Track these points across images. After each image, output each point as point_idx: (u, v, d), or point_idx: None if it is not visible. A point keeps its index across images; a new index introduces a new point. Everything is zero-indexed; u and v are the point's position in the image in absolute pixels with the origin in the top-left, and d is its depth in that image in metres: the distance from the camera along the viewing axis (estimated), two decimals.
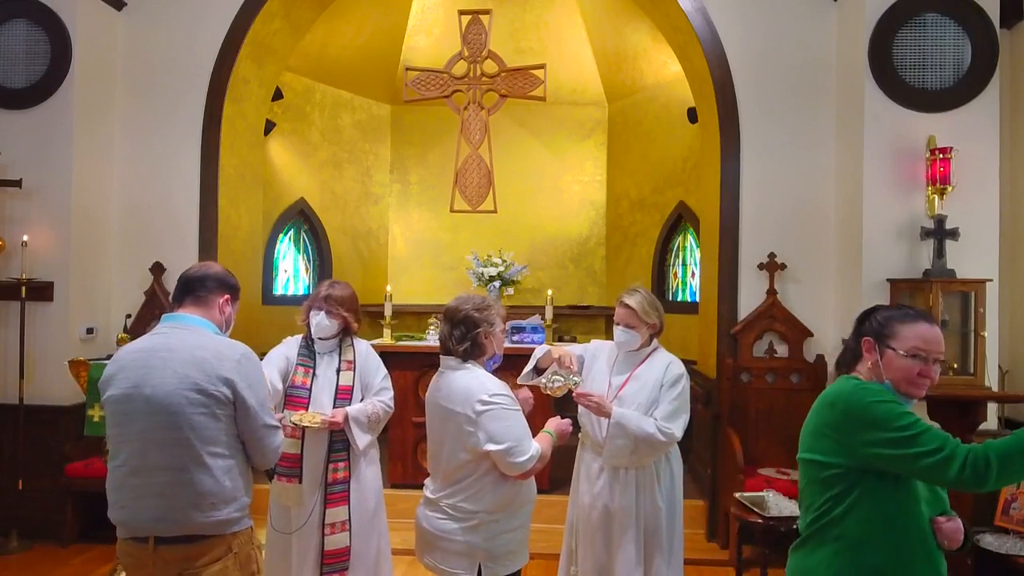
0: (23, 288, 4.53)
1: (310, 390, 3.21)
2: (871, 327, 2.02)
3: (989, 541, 3.69)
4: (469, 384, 2.48)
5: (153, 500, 2.15)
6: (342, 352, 3.30)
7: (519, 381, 3.09)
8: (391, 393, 3.34)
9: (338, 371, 3.26)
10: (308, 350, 3.29)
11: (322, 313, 3.22)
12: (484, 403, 2.42)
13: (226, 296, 2.39)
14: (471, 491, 2.48)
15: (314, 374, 3.25)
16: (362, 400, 3.27)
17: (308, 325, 3.29)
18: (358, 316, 3.34)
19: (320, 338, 3.27)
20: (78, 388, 4.20)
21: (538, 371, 3.13)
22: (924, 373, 1.93)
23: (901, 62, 4.35)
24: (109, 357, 3.89)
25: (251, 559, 2.29)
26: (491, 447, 2.41)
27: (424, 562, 2.60)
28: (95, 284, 4.96)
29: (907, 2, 4.33)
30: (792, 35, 4.83)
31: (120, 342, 3.71)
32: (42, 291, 4.63)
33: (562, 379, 2.89)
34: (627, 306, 3.06)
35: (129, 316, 4.98)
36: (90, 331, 4.87)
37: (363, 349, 3.36)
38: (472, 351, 2.54)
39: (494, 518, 2.49)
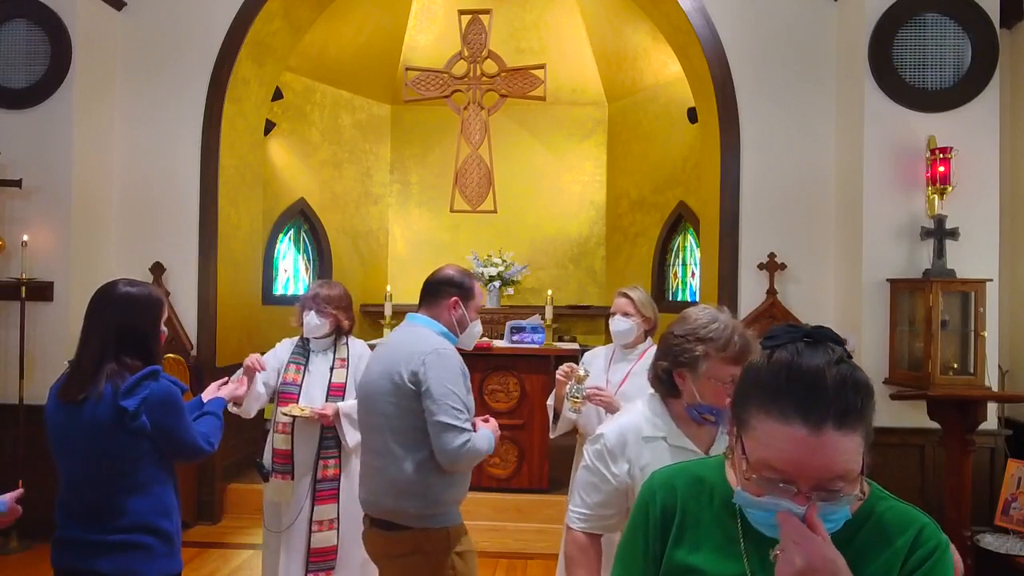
0: (23, 288, 4.53)
1: (300, 386, 3.20)
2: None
3: (989, 541, 3.69)
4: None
5: (366, 480, 2.39)
6: (336, 351, 3.29)
7: (552, 436, 3.22)
8: None
9: (331, 368, 3.25)
10: (303, 349, 3.29)
11: (312, 312, 3.21)
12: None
13: (454, 297, 2.45)
14: None
15: (306, 371, 3.24)
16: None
17: (301, 325, 3.28)
18: (350, 315, 3.31)
19: (313, 338, 3.26)
20: None
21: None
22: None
23: (901, 62, 4.35)
24: None
25: (445, 567, 2.21)
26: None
27: None
28: (95, 284, 4.83)
29: (907, 2, 4.33)
30: (792, 35, 4.82)
31: None
32: (42, 291, 4.62)
33: (577, 395, 2.87)
34: (626, 295, 3.12)
35: None
36: None
37: (358, 348, 3.34)
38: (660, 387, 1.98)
39: None
